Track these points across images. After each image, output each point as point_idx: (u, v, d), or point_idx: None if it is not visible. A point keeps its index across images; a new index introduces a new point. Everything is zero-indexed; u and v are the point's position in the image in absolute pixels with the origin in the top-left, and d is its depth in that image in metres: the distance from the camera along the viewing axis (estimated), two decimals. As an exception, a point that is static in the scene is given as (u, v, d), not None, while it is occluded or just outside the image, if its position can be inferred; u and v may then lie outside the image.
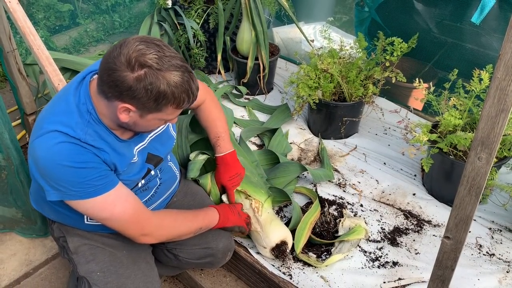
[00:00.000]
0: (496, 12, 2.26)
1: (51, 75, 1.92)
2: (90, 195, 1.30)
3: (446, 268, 1.23)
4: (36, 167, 1.29)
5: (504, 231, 1.94)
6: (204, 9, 2.84)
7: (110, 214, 1.34)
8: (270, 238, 1.74)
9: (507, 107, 0.92)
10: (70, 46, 3.20)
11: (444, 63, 2.68)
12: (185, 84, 1.22)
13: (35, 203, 1.60)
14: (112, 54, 1.19)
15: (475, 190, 1.06)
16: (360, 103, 2.32)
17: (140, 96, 1.19)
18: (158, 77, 1.18)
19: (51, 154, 1.25)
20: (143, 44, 1.19)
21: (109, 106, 1.27)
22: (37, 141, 1.27)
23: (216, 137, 1.78)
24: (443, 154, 1.92)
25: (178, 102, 1.23)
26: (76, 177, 1.27)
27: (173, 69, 1.20)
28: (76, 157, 1.26)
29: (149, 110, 1.24)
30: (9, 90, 2.87)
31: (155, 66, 1.18)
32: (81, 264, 1.49)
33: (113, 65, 1.18)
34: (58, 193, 1.30)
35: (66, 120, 1.28)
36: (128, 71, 1.17)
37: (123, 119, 1.26)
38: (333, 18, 3.20)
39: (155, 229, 1.44)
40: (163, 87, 1.19)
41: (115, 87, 1.20)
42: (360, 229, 1.84)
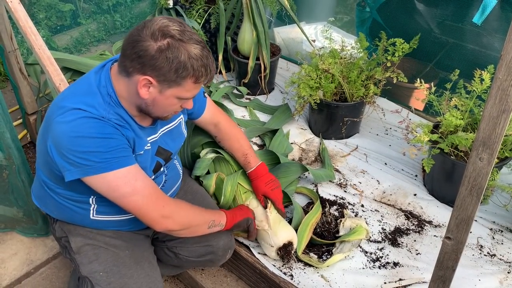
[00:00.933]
0: (497, 13, 2.26)
1: (52, 75, 1.93)
2: (113, 166, 1.30)
3: (447, 268, 1.23)
4: (56, 146, 1.29)
5: (505, 232, 1.93)
6: (205, 9, 2.84)
7: (132, 188, 1.33)
8: (279, 237, 1.74)
9: (509, 108, 0.92)
10: (72, 46, 3.21)
11: (445, 63, 2.68)
12: (204, 59, 1.28)
13: (38, 200, 1.59)
14: (137, 28, 1.27)
15: (476, 191, 1.06)
16: (361, 103, 2.32)
17: (162, 65, 1.24)
18: (179, 47, 1.24)
19: (75, 127, 1.26)
20: (166, 19, 1.27)
21: (130, 83, 1.30)
22: (59, 118, 1.28)
23: (244, 155, 1.83)
24: (444, 155, 1.91)
25: (197, 75, 1.28)
26: (100, 147, 1.27)
27: (193, 42, 1.26)
28: (99, 129, 1.28)
29: (169, 84, 1.28)
30: (10, 89, 2.88)
31: (177, 37, 1.24)
32: (84, 264, 1.49)
33: (137, 36, 1.24)
34: (79, 170, 1.29)
35: (88, 100, 1.30)
36: (152, 41, 1.23)
37: (143, 95, 1.29)
38: (334, 18, 3.20)
39: (175, 210, 1.42)
40: (183, 57, 1.24)
41: (138, 58, 1.24)
42: (361, 230, 1.84)
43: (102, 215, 1.50)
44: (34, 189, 1.62)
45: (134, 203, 1.35)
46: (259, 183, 1.81)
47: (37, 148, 1.49)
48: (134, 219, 1.57)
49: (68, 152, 1.27)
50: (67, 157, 1.28)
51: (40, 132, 1.44)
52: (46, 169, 1.45)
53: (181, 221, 1.45)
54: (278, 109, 2.60)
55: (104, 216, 1.51)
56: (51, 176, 1.44)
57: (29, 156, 2.59)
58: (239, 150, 1.83)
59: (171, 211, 1.41)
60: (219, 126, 1.82)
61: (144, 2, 3.53)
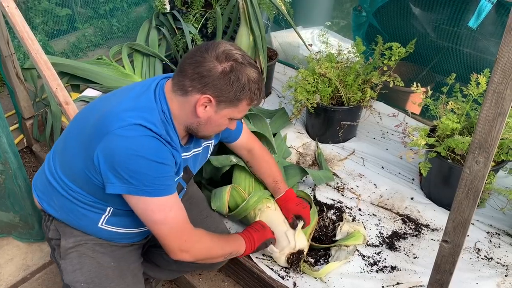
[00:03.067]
0: (493, 17, 2.27)
1: (49, 80, 1.92)
2: (158, 193, 1.32)
3: (445, 272, 1.23)
4: (107, 157, 1.28)
5: (502, 235, 1.94)
6: (202, 13, 2.85)
7: (164, 217, 1.35)
8: (297, 241, 1.74)
9: (504, 111, 0.93)
10: (68, 50, 3.20)
11: (441, 67, 2.69)
12: (260, 83, 1.37)
13: (41, 195, 1.54)
14: (199, 50, 1.33)
15: (473, 194, 1.06)
16: (358, 107, 2.33)
17: (224, 86, 1.31)
18: (241, 70, 1.32)
19: (135, 145, 1.27)
20: (229, 44, 1.35)
21: (185, 102, 1.34)
22: (120, 131, 1.28)
23: (274, 181, 1.85)
24: (441, 158, 1.92)
25: (252, 97, 1.36)
26: (154, 171, 1.29)
27: (252, 66, 1.35)
28: (158, 152, 1.30)
29: (226, 104, 1.34)
30: (7, 94, 2.87)
31: (240, 60, 1.32)
32: (68, 272, 1.47)
33: (201, 58, 1.31)
34: (126, 187, 1.30)
35: (148, 116, 1.32)
36: (216, 63, 1.30)
37: (200, 113, 1.34)
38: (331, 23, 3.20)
39: (194, 245, 1.44)
40: (244, 80, 1.32)
41: (200, 79, 1.30)
42: (358, 235, 1.83)
43: (110, 226, 1.49)
44: (37, 184, 1.58)
45: (160, 231, 1.37)
46: (289, 205, 1.83)
47: (64, 147, 1.46)
48: (138, 233, 1.57)
49: (120, 167, 1.28)
50: (117, 172, 1.28)
51: (74, 133, 1.42)
52: (73, 170, 1.42)
53: (198, 256, 1.47)
54: (276, 113, 2.61)
55: (112, 227, 1.50)
56: (76, 178, 1.42)
57: (26, 161, 2.59)
58: (270, 176, 1.86)
59: (191, 245, 1.43)
60: (253, 152, 1.84)
61: (141, 6, 3.53)
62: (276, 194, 1.85)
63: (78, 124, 1.44)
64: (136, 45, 2.82)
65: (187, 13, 2.89)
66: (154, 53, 2.79)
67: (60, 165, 1.46)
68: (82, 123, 1.41)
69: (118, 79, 2.64)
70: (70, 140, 1.43)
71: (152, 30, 2.93)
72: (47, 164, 1.53)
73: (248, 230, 1.70)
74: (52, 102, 2.31)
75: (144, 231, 1.57)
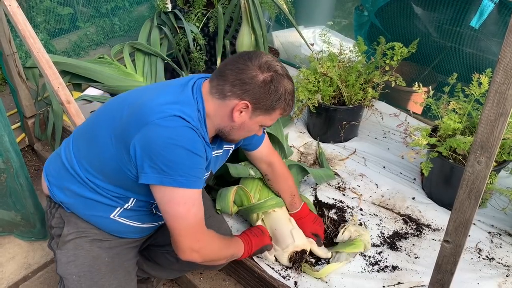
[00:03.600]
0: (495, 17, 2.27)
1: (50, 78, 1.93)
2: (188, 185, 1.33)
3: (446, 272, 1.23)
4: (144, 146, 1.30)
5: (503, 235, 1.93)
6: (204, 13, 2.85)
7: (186, 211, 1.36)
8: (301, 240, 1.75)
9: (506, 111, 0.93)
10: (70, 49, 3.20)
11: (443, 67, 2.69)
12: (293, 94, 1.45)
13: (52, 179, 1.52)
14: (242, 57, 1.39)
15: (475, 194, 1.06)
16: (360, 106, 2.33)
17: (263, 95, 1.37)
18: (280, 81, 1.39)
19: (175, 135, 1.30)
20: (269, 56, 1.43)
21: (222, 106, 1.39)
22: (160, 121, 1.30)
23: (291, 196, 1.87)
24: (442, 158, 1.92)
25: (285, 107, 1.43)
26: (189, 161, 1.32)
27: (289, 78, 1.43)
28: (195, 143, 1.33)
29: (262, 111, 1.41)
30: (9, 93, 2.87)
31: (280, 72, 1.40)
32: (62, 263, 1.48)
33: (243, 65, 1.37)
34: (159, 176, 1.31)
35: (187, 110, 1.35)
36: (259, 72, 1.37)
37: (235, 118, 1.39)
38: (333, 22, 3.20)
39: (205, 246, 1.44)
40: (282, 90, 1.39)
41: (241, 85, 1.36)
42: (358, 243, 1.80)
43: (123, 218, 1.50)
44: (50, 169, 1.56)
45: (178, 224, 1.37)
46: (307, 222, 1.86)
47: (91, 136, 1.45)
48: (146, 229, 1.58)
49: (157, 156, 1.29)
50: (153, 161, 1.30)
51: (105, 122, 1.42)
52: (100, 161, 1.41)
53: (206, 257, 1.47)
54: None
55: (124, 219, 1.50)
56: (105, 170, 1.41)
57: (27, 160, 2.59)
58: (287, 192, 1.87)
59: (202, 246, 1.43)
60: (273, 166, 1.85)
61: (142, 6, 3.53)
62: (292, 208, 1.87)
63: (109, 115, 1.43)
64: (137, 44, 2.82)
65: (188, 12, 2.89)
66: (156, 52, 2.79)
67: (85, 155, 1.45)
68: (114, 114, 1.41)
69: (120, 78, 2.64)
70: (100, 130, 1.43)
71: (154, 29, 2.93)
72: (64, 150, 1.52)
73: (248, 234, 1.70)
74: (54, 101, 2.31)
75: (153, 226, 1.58)
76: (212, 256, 1.50)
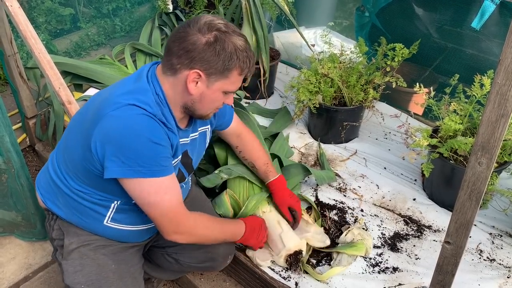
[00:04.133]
0: (496, 18, 2.27)
1: (52, 79, 1.93)
2: (154, 174, 1.31)
3: (447, 273, 1.23)
4: (103, 140, 1.28)
5: (504, 236, 1.93)
6: (205, 13, 2.85)
7: (160, 199, 1.35)
8: (292, 242, 1.74)
9: (507, 112, 0.93)
10: (71, 50, 3.21)
11: (444, 68, 2.68)
12: (248, 50, 1.35)
13: (45, 194, 1.54)
14: (182, 26, 1.33)
15: (476, 195, 1.06)
16: (361, 107, 2.33)
17: (211, 58, 1.29)
18: (225, 40, 1.30)
19: (131, 123, 1.27)
20: (210, 15, 1.34)
21: (176, 81, 1.34)
22: (115, 112, 1.28)
23: (265, 164, 1.85)
24: (443, 159, 1.92)
25: (242, 66, 1.34)
26: (150, 151, 1.28)
27: (237, 34, 1.33)
28: (154, 131, 1.30)
29: (216, 77, 1.33)
30: (10, 93, 2.88)
31: (223, 29, 1.31)
32: (69, 273, 1.47)
33: (183, 33, 1.30)
34: (121, 169, 1.29)
35: (142, 98, 1.32)
36: (200, 35, 1.29)
37: (191, 90, 1.33)
38: (334, 23, 3.20)
39: (188, 230, 1.45)
40: (230, 48, 1.30)
41: (186, 53, 1.29)
42: (361, 246, 1.80)
43: (116, 223, 1.50)
44: (41, 183, 1.57)
45: (154, 213, 1.37)
46: (284, 195, 1.83)
47: (65, 143, 1.46)
48: (144, 231, 1.58)
49: (115, 147, 1.27)
50: (112, 153, 1.28)
51: (75, 127, 1.42)
52: (74, 165, 1.42)
53: (190, 240, 1.48)
54: (278, 113, 2.60)
55: (117, 224, 1.50)
56: (79, 173, 1.41)
57: (28, 160, 2.59)
58: (260, 159, 1.86)
59: (184, 230, 1.43)
60: (241, 136, 1.85)
61: (144, 6, 3.54)
62: (268, 177, 1.84)
63: (77, 120, 1.44)
64: (139, 45, 2.82)
65: (189, 13, 2.89)
66: (157, 52, 2.79)
67: (63, 163, 1.46)
68: (81, 118, 1.42)
69: (121, 78, 2.64)
70: (71, 136, 1.44)
71: (155, 29, 2.94)
72: (51, 163, 1.54)
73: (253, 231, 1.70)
74: (55, 101, 2.32)
75: (150, 228, 1.57)
76: (198, 239, 1.50)
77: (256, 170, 1.88)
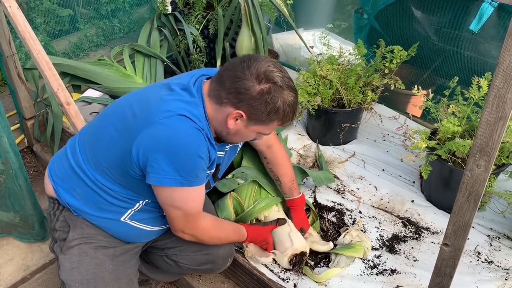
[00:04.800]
0: (494, 20, 2.27)
1: (50, 80, 1.93)
2: (189, 183, 1.34)
3: (445, 275, 1.23)
4: (147, 146, 1.30)
5: (502, 239, 1.93)
6: (204, 15, 2.85)
7: (184, 205, 1.39)
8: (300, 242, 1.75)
9: (506, 115, 0.93)
10: (70, 51, 3.20)
11: (442, 70, 2.69)
12: (295, 105, 1.38)
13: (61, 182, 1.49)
14: (241, 65, 1.33)
15: (474, 197, 1.06)
16: (359, 109, 2.33)
17: (258, 106, 1.32)
18: (278, 94, 1.33)
19: (182, 135, 1.30)
20: (271, 63, 1.34)
21: (219, 111, 1.37)
22: (165, 120, 1.30)
23: (290, 181, 1.86)
24: (441, 161, 1.92)
25: (284, 119, 1.38)
26: (193, 163, 1.32)
27: (290, 89, 1.36)
28: (200, 145, 1.33)
29: (257, 122, 1.37)
30: (8, 94, 2.87)
31: (279, 83, 1.33)
32: (65, 268, 1.46)
33: (241, 73, 1.31)
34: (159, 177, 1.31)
35: (193, 110, 1.35)
36: (255, 83, 1.31)
37: (230, 125, 1.37)
38: (332, 25, 3.20)
39: (198, 233, 1.50)
40: (279, 103, 1.33)
41: (237, 94, 1.32)
42: (359, 248, 1.80)
43: (134, 221, 1.50)
44: (55, 170, 1.53)
45: (175, 213, 1.41)
46: (302, 217, 1.87)
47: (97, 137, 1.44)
48: (156, 232, 1.59)
49: (160, 155, 1.29)
50: (156, 160, 1.29)
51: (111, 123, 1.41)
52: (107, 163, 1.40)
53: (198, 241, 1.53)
54: None
55: (135, 222, 1.51)
56: (111, 171, 1.40)
57: (26, 161, 2.58)
58: (287, 175, 1.86)
59: (194, 233, 1.48)
60: (272, 148, 1.85)
61: (143, 7, 3.53)
62: (291, 194, 1.86)
63: (116, 116, 1.43)
64: (137, 46, 2.82)
65: (188, 14, 2.89)
66: (156, 54, 2.79)
67: (91, 156, 1.44)
68: (120, 115, 1.41)
69: (119, 79, 2.64)
70: (105, 131, 1.42)
71: (154, 31, 2.93)
72: (70, 151, 1.50)
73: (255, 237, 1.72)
74: (53, 102, 2.31)
75: (163, 229, 1.60)
76: (206, 241, 1.55)
77: (279, 185, 1.89)
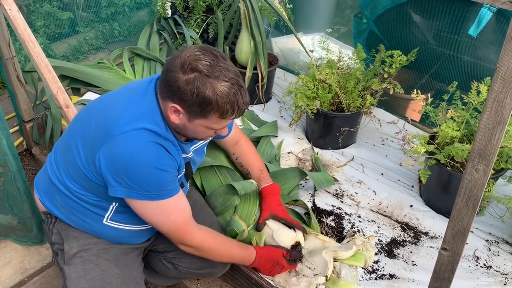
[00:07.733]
0: (493, 25, 2.28)
1: (49, 83, 1.93)
2: (159, 197, 1.34)
3: (443, 280, 1.23)
4: (109, 161, 1.29)
5: (501, 243, 1.93)
6: (204, 18, 2.86)
7: (165, 219, 1.39)
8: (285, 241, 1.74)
9: (504, 119, 0.93)
10: (69, 54, 3.20)
11: (441, 74, 2.69)
12: (231, 96, 1.27)
13: (44, 195, 1.54)
14: (172, 56, 1.30)
15: (472, 202, 1.06)
16: (358, 113, 2.33)
17: (187, 98, 1.26)
18: (205, 83, 1.24)
19: (139, 153, 1.28)
20: (200, 51, 1.27)
21: (165, 107, 1.34)
22: (123, 136, 1.28)
23: (260, 170, 1.87)
24: (440, 166, 1.92)
25: (222, 112, 1.28)
26: (155, 178, 1.30)
27: (222, 78, 1.26)
28: (161, 159, 1.31)
29: (195, 115, 1.30)
30: (7, 97, 2.87)
31: (205, 72, 1.24)
32: (72, 278, 1.46)
33: (170, 66, 1.28)
34: (126, 191, 1.31)
35: (152, 117, 1.33)
36: (180, 73, 1.25)
37: (174, 120, 1.33)
38: (332, 29, 3.21)
39: (194, 245, 1.49)
40: (208, 93, 1.25)
41: (168, 87, 1.28)
42: (360, 257, 1.78)
43: (115, 222, 1.50)
44: (39, 184, 1.57)
45: (161, 229, 1.43)
46: (272, 201, 1.80)
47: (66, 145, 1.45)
48: (144, 231, 1.58)
49: (122, 173, 1.29)
50: (119, 176, 1.30)
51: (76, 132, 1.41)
52: (74, 169, 1.41)
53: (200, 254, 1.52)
54: (265, 124, 2.54)
55: (117, 223, 1.50)
56: (78, 178, 1.41)
57: (25, 164, 2.58)
58: (255, 165, 1.88)
59: (191, 244, 1.47)
60: (239, 143, 1.89)
61: (142, 11, 3.54)
62: (261, 183, 1.85)
63: (80, 125, 1.44)
64: (137, 49, 2.83)
65: (188, 18, 2.90)
66: (155, 57, 2.79)
67: (62, 166, 1.46)
68: (84, 124, 1.41)
69: (119, 83, 2.64)
70: (72, 140, 1.43)
71: (154, 34, 2.94)
72: (49, 164, 1.53)
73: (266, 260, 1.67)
74: (52, 105, 2.31)
75: (150, 228, 1.58)
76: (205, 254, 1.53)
77: (250, 177, 1.90)
